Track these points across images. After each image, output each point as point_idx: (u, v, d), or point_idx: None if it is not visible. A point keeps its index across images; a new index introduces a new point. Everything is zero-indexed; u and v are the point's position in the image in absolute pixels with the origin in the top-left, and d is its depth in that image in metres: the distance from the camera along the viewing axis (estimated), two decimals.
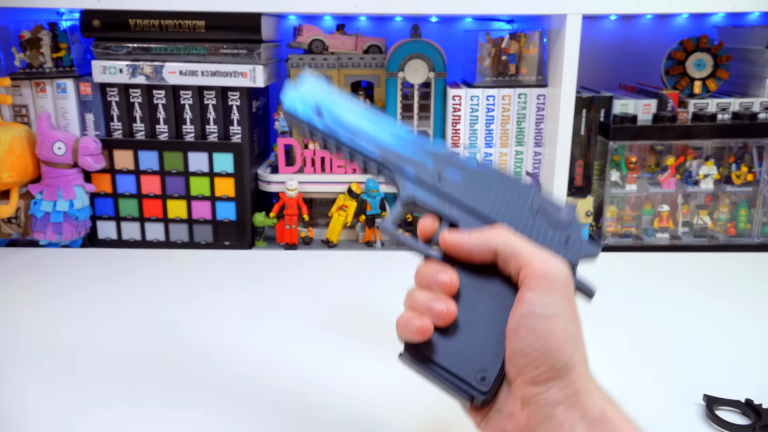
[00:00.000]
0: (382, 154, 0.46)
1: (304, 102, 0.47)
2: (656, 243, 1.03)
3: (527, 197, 0.44)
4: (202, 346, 0.69)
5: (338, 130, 0.46)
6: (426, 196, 0.45)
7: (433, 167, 0.46)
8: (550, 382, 0.38)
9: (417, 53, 1.00)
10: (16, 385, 0.61)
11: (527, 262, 0.39)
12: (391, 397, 0.59)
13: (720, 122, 0.99)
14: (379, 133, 0.46)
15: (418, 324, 0.40)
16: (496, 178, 0.45)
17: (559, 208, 0.44)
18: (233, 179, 1.00)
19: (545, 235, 0.43)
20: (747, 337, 0.71)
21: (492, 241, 0.41)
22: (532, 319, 0.38)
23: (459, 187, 0.45)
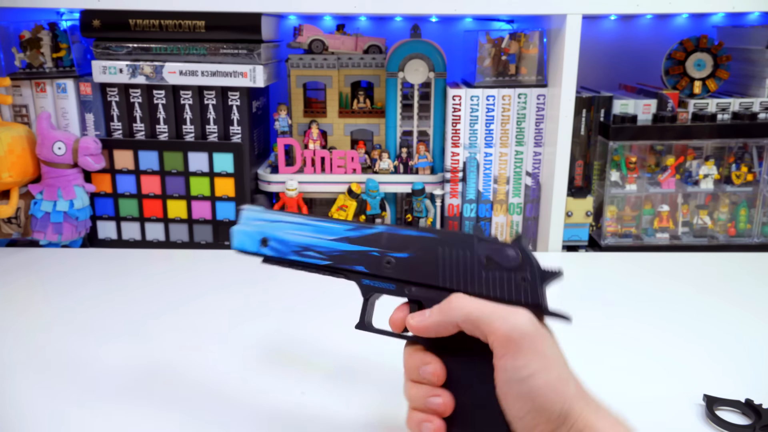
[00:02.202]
0: (332, 260, 0.49)
1: (250, 236, 0.51)
2: (656, 243, 1.03)
3: (473, 251, 0.45)
4: (201, 346, 0.69)
5: (287, 253, 0.50)
6: (382, 284, 0.48)
7: (380, 255, 0.48)
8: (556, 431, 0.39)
9: (417, 53, 1.00)
10: (16, 384, 0.61)
11: (490, 329, 0.40)
12: (390, 396, 0.59)
13: (720, 122, 0.99)
14: (323, 239, 0.49)
15: (431, 427, 0.42)
16: (439, 241, 0.46)
17: (505, 248, 0.44)
18: (233, 179, 1.00)
19: (501, 283, 0.44)
20: (747, 337, 0.71)
21: (450, 316, 0.42)
22: (513, 385, 0.39)
23: (408, 265, 0.47)
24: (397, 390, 0.60)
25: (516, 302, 0.43)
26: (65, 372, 0.63)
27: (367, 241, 0.48)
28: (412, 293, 0.47)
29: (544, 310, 0.43)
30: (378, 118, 1.06)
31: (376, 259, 0.48)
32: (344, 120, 1.07)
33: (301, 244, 0.50)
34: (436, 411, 0.43)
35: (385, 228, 0.48)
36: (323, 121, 1.06)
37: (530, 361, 0.39)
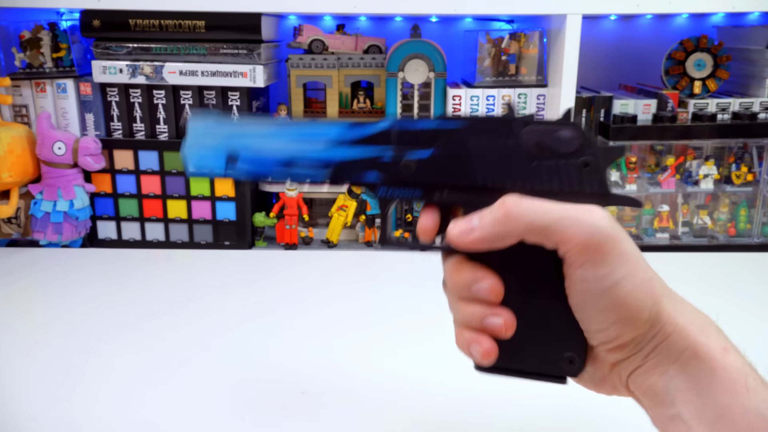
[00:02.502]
0: (331, 172, 0.38)
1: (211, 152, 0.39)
2: (656, 243, 1.03)
3: (517, 139, 0.36)
4: (201, 346, 0.69)
5: (265, 169, 0.39)
6: (404, 192, 0.38)
7: (392, 158, 0.38)
8: (636, 339, 0.34)
9: (417, 53, 1.00)
10: (16, 384, 0.61)
11: (561, 237, 0.33)
12: (390, 396, 0.59)
13: (720, 122, 0.98)
14: (313, 150, 0.38)
15: (480, 349, 0.36)
16: (469, 130, 0.37)
17: (558, 130, 0.36)
18: (233, 179, 1.00)
19: (558, 172, 0.36)
20: (747, 337, 0.71)
21: (508, 226, 0.34)
22: (593, 297, 0.34)
23: (433, 164, 0.37)
24: (397, 389, 0.60)
25: (579, 194, 0.36)
26: (65, 372, 0.63)
27: (373, 140, 0.38)
28: (444, 198, 0.38)
29: (611, 197, 0.36)
30: (378, 118, 1.06)
31: (390, 165, 0.38)
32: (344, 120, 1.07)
33: (284, 157, 0.38)
34: (495, 332, 0.36)
35: (392, 122, 0.38)
36: None
37: (614, 268, 0.33)
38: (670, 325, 0.34)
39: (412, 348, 0.69)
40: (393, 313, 0.78)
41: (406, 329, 0.73)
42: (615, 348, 0.35)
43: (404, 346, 0.69)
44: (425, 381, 0.62)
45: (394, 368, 0.64)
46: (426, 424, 0.56)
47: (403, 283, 0.87)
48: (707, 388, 0.33)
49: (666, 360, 0.34)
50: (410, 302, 0.80)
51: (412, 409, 0.58)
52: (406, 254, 1.00)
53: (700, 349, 0.34)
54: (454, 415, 0.57)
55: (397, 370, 0.64)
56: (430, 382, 0.62)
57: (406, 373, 0.63)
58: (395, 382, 0.62)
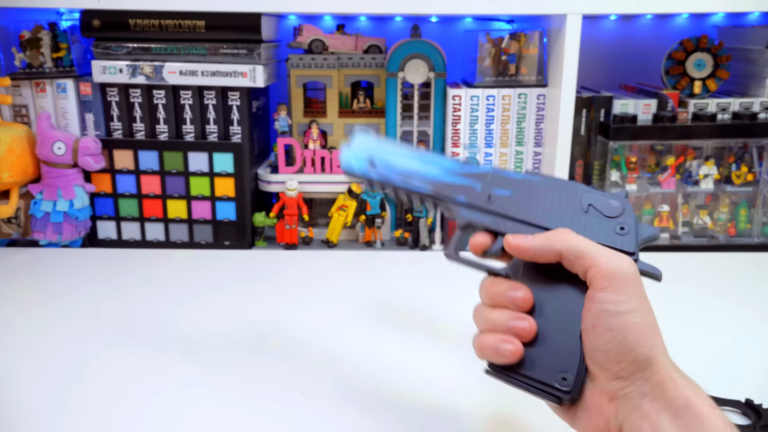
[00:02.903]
0: (434, 189, 0.49)
1: (358, 158, 0.52)
2: (656, 243, 1.02)
3: (576, 196, 0.46)
4: (201, 345, 0.69)
5: (392, 176, 0.51)
6: (480, 217, 0.48)
7: (482, 189, 0.48)
8: (633, 375, 0.39)
9: (417, 53, 1.00)
10: (16, 384, 0.61)
11: (594, 262, 0.40)
12: (390, 396, 0.59)
13: (720, 122, 0.98)
14: (428, 169, 0.50)
15: (511, 349, 0.42)
16: (543, 184, 0.47)
17: (609, 198, 0.46)
18: (233, 179, 1.00)
19: (600, 228, 0.45)
20: (747, 337, 0.71)
21: (556, 243, 0.42)
22: (606, 317, 0.39)
23: (509, 202, 0.47)
24: (396, 389, 0.60)
25: (611, 248, 0.43)
26: (65, 372, 0.63)
27: (472, 176, 0.49)
28: (507, 227, 0.47)
29: (636, 259, 0.43)
30: (378, 118, 1.06)
31: (477, 193, 0.48)
32: (344, 120, 1.07)
33: (406, 170, 0.51)
34: (519, 334, 0.42)
35: (492, 169, 0.49)
36: (323, 121, 1.06)
37: (630, 299, 0.39)
38: (665, 372, 0.38)
39: (412, 348, 0.69)
40: (393, 313, 0.78)
41: (407, 329, 0.73)
42: (614, 378, 0.39)
43: (404, 345, 0.69)
44: (426, 381, 0.62)
45: (395, 368, 0.64)
46: (426, 424, 0.56)
47: (403, 283, 0.87)
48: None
49: (660, 406, 0.38)
50: (410, 302, 0.80)
51: (413, 408, 0.58)
52: (406, 254, 1.00)
53: (691, 401, 0.37)
54: (455, 415, 0.57)
55: (397, 370, 0.64)
56: (430, 382, 0.62)
57: (406, 373, 0.63)
58: (396, 381, 0.62)
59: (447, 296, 0.77)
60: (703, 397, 0.38)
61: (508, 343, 0.42)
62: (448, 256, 0.50)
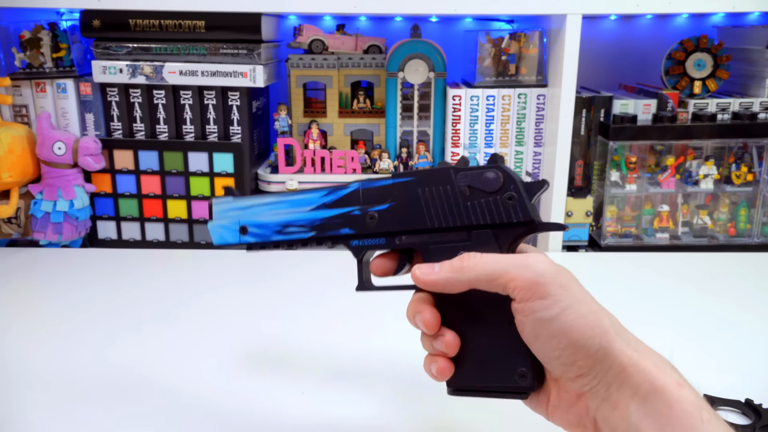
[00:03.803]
0: (316, 231, 0.48)
1: (227, 228, 0.50)
2: (656, 243, 1.03)
3: (452, 183, 0.44)
4: (202, 345, 0.69)
5: (269, 235, 0.49)
6: (371, 241, 0.47)
7: (361, 212, 0.46)
8: (593, 370, 0.38)
9: (417, 53, 1.00)
10: (16, 384, 0.61)
11: (508, 278, 0.39)
12: (390, 395, 0.59)
13: (720, 122, 0.99)
14: (299, 213, 0.48)
15: (435, 367, 0.43)
16: (416, 183, 0.45)
17: (483, 172, 0.43)
18: (233, 179, 1.00)
19: (489, 208, 0.43)
20: (747, 337, 0.71)
21: (463, 276, 0.41)
22: (544, 325, 0.38)
23: (391, 215, 0.46)
24: (396, 389, 0.60)
25: (508, 223, 0.42)
26: (65, 372, 0.63)
27: (344, 202, 0.47)
28: (403, 242, 0.46)
29: (537, 224, 0.42)
30: (378, 118, 1.06)
31: (358, 218, 0.46)
32: (344, 120, 1.07)
33: (280, 222, 0.49)
34: (443, 352, 0.43)
35: (359, 184, 0.47)
36: (323, 121, 1.06)
37: (558, 298, 0.38)
38: (624, 358, 0.37)
39: (412, 347, 0.68)
40: (393, 313, 0.78)
41: (407, 329, 0.73)
42: (575, 377, 0.39)
43: (404, 345, 0.69)
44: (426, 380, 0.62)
45: (395, 368, 0.64)
46: (427, 424, 0.56)
47: None
48: (666, 421, 0.35)
49: (626, 394, 0.37)
50: None
51: (413, 408, 0.58)
52: None
53: (657, 384, 0.36)
54: (456, 414, 0.57)
55: (397, 370, 0.64)
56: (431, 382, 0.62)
57: (406, 373, 0.63)
58: (396, 381, 0.62)
59: None
60: (669, 375, 0.37)
61: (433, 363, 0.44)
62: (359, 290, 0.49)
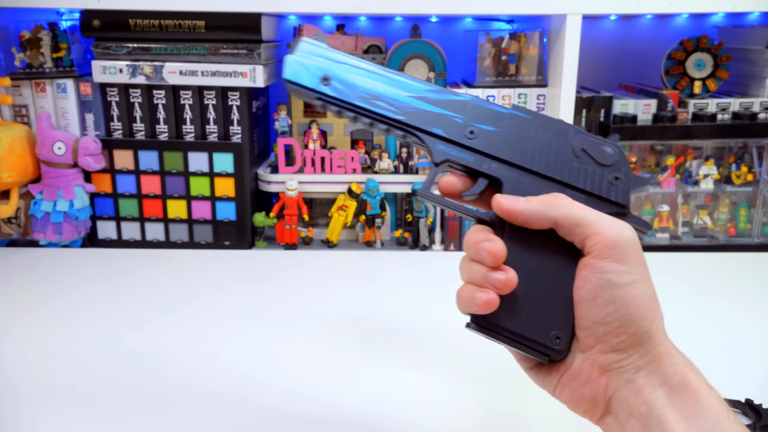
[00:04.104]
0: (405, 116, 0.43)
1: (308, 69, 0.44)
2: (656, 243, 1.03)
3: (568, 139, 0.42)
4: (202, 345, 0.69)
5: (352, 97, 0.43)
6: (461, 154, 0.43)
7: (463, 122, 0.43)
8: (632, 349, 0.37)
9: (417, 53, 1.00)
10: (16, 384, 0.61)
11: (594, 230, 0.38)
12: (390, 395, 0.59)
13: (720, 122, 0.99)
14: (398, 93, 0.43)
15: (484, 297, 0.39)
16: (533, 122, 0.43)
17: (602, 144, 0.42)
18: (233, 179, 1.00)
19: (593, 176, 0.42)
20: (747, 337, 0.71)
21: (551, 211, 0.39)
22: (609, 288, 0.37)
23: (494, 139, 0.42)
24: (396, 389, 0.60)
25: (605, 199, 0.41)
26: (65, 372, 0.63)
27: (449, 105, 0.43)
28: (492, 169, 0.42)
29: (628, 213, 0.42)
30: None
31: (457, 126, 0.43)
32: (344, 120, 1.06)
33: (370, 90, 0.43)
34: (495, 285, 0.39)
35: (472, 98, 0.43)
36: (323, 121, 1.06)
37: (635, 269, 0.37)
38: (663, 348, 0.37)
39: (412, 347, 0.69)
40: (393, 313, 0.78)
41: (407, 329, 0.73)
42: (611, 350, 0.37)
43: (404, 345, 0.69)
44: (426, 381, 0.62)
45: (395, 368, 0.64)
46: (426, 423, 0.56)
47: (403, 284, 0.87)
48: (693, 414, 0.35)
49: (656, 381, 0.37)
50: (410, 302, 0.80)
51: (414, 408, 0.58)
52: (406, 254, 1.00)
53: (689, 378, 0.37)
54: (455, 415, 0.57)
55: (397, 370, 0.64)
56: (431, 382, 0.62)
57: (406, 373, 0.63)
58: (396, 381, 0.62)
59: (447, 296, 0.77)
60: (701, 376, 0.37)
61: (483, 291, 0.39)
62: (420, 193, 0.44)
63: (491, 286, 0.39)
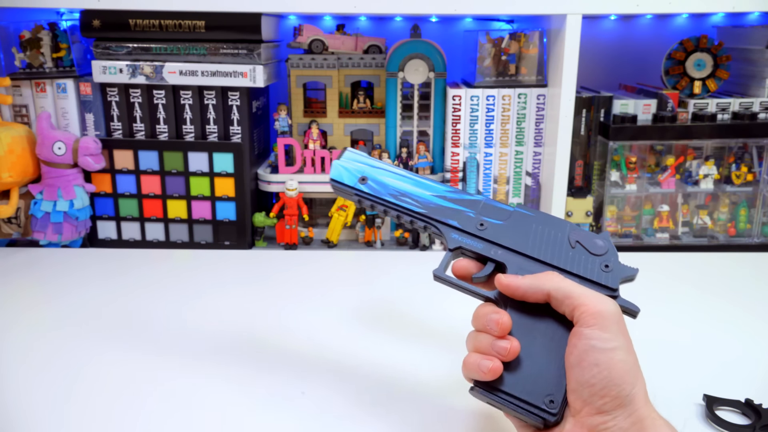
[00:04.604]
0: (427, 210, 0.51)
1: (349, 171, 0.54)
2: (656, 243, 1.03)
3: (564, 232, 0.49)
4: (201, 345, 0.69)
5: (384, 194, 0.52)
6: (472, 242, 0.50)
7: (474, 216, 0.51)
8: (615, 411, 0.41)
9: (417, 53, 1.00)
10: (16, 384, 0.61)
11: (581, 302, 0.43)
12: (390, 395, 0.59)
13: (720, 122, 0.99)
14: (421, 192, 0.52)
15: (490, 365, 0.45)
16: (534, 218, 0.50)
17: (594, 237, 0.49)
18: (233, 179, 1.00)
19: (586, 264, 0.48)
20: (747, 337, 0.71)
21: (544, 284, 0.45)
22: (593, 353, 0.42)
23: (500, 231, 0.50)
24: (396, 389, 0.60)
25: (596, 283, 0.47)
26: (65, 372, 0.63)
27: (464, 203, 0.51)
28: (498, 255, 0.50)
29: (617, 296, 0.47)
30: (378, 118, 1.06)
31: (470, 219, 0.51)
32: (344, 120, 1.07)
33: (399, 189, 0.52)
34: (500, 352, 0.45)
35: (484, 198, 0.52)
36: (323, 121, 1.07)
37: (616, 336, 0.42)
38: (645, 411, 0.41)
39: (412, 348, 0.69)
40: (393, 313, 0.78)
41: (407, 329, 0.73)
42: (596, 413, 0.42)
43: (404, 346, 0.69)
44: (426, 380, 0.62)
45: (395, 368, 0.64)
46: (427, 424, 0.56)
47: (403, 284, 0.87)
48: None
49: None
50: (410, 302, 0.80)
51: (413, 408, 0.58)
52: (406, 254, 1.00)
53: None
54: (454, 415, 0.57)
55: (397, 370, 0.64)
56: (430, 382, 0.62)
57: (406, 373, 0.63)
58: (396, 381, 0.62)
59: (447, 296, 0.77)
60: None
61: (488, 360, 0.45)
62: (437, 274, 0.51)
63: (497, 354, 0.45)
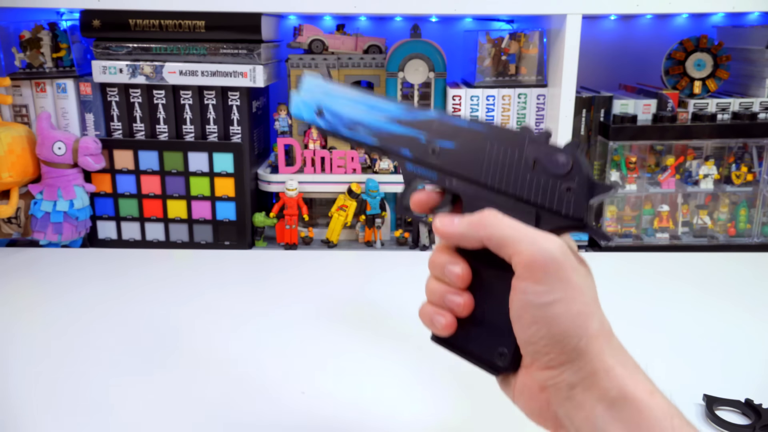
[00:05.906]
0: (379, 141, 0.48)
1: (306, 105, 0.50)
2: (656, 243, 1.03)
3: (522, 151, 0.42)
4: (201, 345, 0.69)
5: (338, 126, 0.49)
6: (425, 172, 0.46)
7: (426, 141, 0.46)
8: (562, 366, 0.37)
9: (417, 53, 1.00)
10: (16, 384, 0.61)
11: (515, 250, 0.38)
12: (390, 396, 0.59)
13: (720, 122, 0.99)
14: (374, 119, 0.48)
15: (443, 322, 0.42)
16: (489, 135, 0.44)
17: (556, 152, 0.41)
18: (233, 179, 1.00)
19: (545, 189, 0.41)
20: (747, 337, 0.71)
21: (477, 231, 0.40)
22: (529, 309, 0.38)
23: (453, 156, 0.45)
24: (395, 389, 0.60)
25: (556, 212, 0.41)
26: (65, 372, 0.63)
27: (416, 124, 0.47)
28: (452, 185, 0.45)
29: (585, 225, 0.40)
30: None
31: (422, 146, 0.46)
32: None
33: (352, 119, 0.49)
34: (453, 310, 0.42)
35: (438, 115, 0.46)
36: None
37: (552, 288, 0.37)
38: (598, 363, 0.37)
39: (411, 348, 0.69)
40: (393, 313, 0.78)
41: (406, 329, 0.73)
42: (543, 368, 0.38)
43: (404, 346, 0.69)
44: (425, 380, 0.62)
45: (395, 368, 0.65)
46: (427, 424, 0.56)
47: (403, 284, 0.87)
48: (635, 427, 0.35)
49: (593, 396, 0.36)
50: (410, 302, 0.80)
51: (413, 408, 0.58)
52: (406, 254, 1.00)
53: (626, 390, 0.36)
54: (454, 414, 0.57)
55: (397, 370, 0.64)
56: (430, 381, 0.62)
57: (406, 373, 0.63)
58: (395, 381, 0.62)
59: None
60: (641, 383, 0.37)
61: (441, 316, 0.42)
62: (398, 211, 0.48)
63: (450, 310, 0.42)
